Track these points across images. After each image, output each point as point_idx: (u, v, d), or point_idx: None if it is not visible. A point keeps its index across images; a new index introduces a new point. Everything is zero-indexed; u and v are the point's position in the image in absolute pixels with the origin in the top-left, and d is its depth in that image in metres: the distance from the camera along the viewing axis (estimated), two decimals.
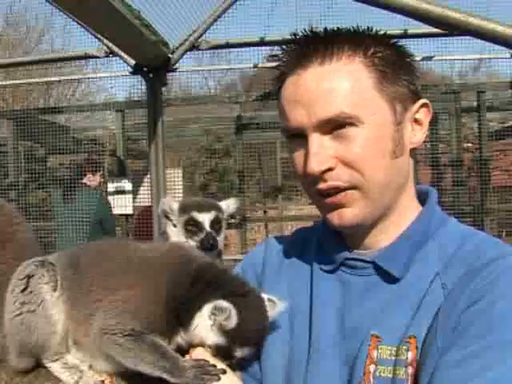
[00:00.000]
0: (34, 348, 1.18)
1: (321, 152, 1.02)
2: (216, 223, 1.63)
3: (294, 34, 1.11)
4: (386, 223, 1.10)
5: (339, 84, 1.01)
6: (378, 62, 1.03)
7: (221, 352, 1.09)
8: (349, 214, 1.05)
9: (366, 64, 1.03)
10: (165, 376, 1.05)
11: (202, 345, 1.10)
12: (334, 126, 1.02)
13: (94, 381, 1.18)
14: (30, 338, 1.17)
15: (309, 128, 1.03)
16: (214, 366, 1.06)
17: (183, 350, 1.13)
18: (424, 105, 1.09)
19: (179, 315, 1.11)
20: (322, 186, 1.04)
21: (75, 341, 1.20)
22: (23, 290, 1.19)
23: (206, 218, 1.59)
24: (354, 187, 1.03)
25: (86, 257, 1.25)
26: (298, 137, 1.06)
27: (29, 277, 1.19)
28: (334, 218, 1.07)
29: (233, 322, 1.06)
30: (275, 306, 1.13)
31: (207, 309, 1.09)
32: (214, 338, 1.09)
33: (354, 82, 1.01)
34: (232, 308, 1.06)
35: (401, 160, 1.06)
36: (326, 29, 1.09)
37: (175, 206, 1.65)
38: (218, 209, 1.68)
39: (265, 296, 1.15)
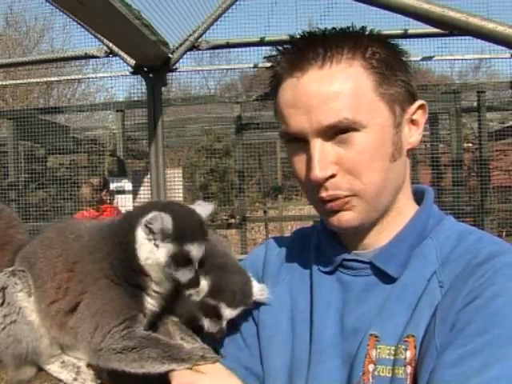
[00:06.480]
0: (27, 356, 1.18)
1: (324, 159, 1.01)
2: None
3: (292, 36, 1.09)
4: (383, 223, 1.10)
5: (340, 88, 0.99)
6: (376, 64, 1.02)
7: (180, 260, 1.06)
8: (347, 216, 1.05)
9: (365, 67, 1.01)
10: (174, 366, 1.03)
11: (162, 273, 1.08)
12: (336, 131, 1.00)
13: (91, 376, 1.18)
14: (21, 348, 1.17)
15: (310, 134, 1.01)
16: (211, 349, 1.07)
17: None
18: (421, 106, 1.09)
19: (132, 268, 1.09)
20: (323, 194, 1.03)
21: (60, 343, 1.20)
22: (1, 304, 1.18)
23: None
24: (353, 195, 1.03)
25: (31, 250, 1.23)
26: (297, 140, 1.05)
27: (3, 289, 1.19)
28: (334, 221, 1.07)
29: (168, 220, 1.04)
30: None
31: (140, 233, 1.07)
32: (164, 249, 1.06)
33: (355, 86, 1.00)
34: (159, 212, 1.05)
35: (398, 162, 1.06)
36: (324, 30, 1.07)
37: None
38: None
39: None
